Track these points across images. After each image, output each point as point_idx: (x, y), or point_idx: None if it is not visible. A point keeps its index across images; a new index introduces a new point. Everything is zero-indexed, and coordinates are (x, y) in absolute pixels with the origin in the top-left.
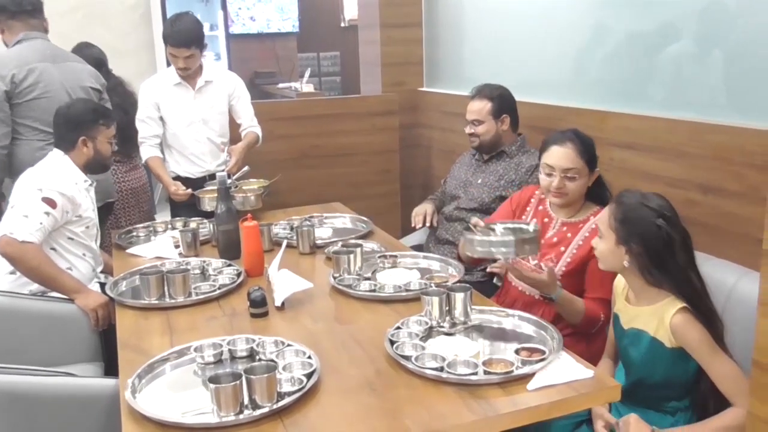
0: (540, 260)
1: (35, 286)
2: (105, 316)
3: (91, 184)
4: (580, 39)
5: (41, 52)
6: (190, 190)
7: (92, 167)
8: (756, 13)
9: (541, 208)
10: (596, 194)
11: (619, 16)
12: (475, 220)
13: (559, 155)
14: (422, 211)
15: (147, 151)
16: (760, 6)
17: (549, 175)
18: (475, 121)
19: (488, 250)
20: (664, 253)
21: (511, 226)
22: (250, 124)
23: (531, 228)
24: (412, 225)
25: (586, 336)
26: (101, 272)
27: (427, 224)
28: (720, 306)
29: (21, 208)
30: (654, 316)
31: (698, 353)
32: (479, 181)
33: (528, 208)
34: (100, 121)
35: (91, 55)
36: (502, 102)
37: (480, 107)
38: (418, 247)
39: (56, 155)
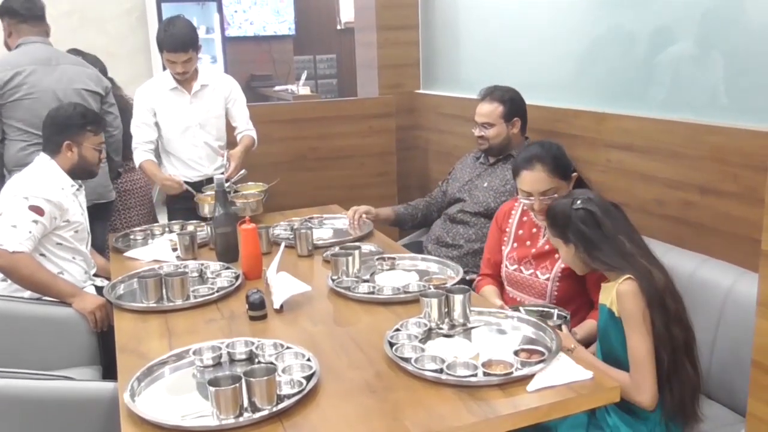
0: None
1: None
2: (103, 318)
3: (79, 189)
4: (578, 41)
5: (34, 55)
6: (183, 182)
7: (77, 173)
8: (754, 15)
9: (525, 219)
10: None
11: (616, 18)
12: (500, 303)
13: (532, 180)
14: (354, 209)
15: (140, 155)
16: (759, 8)
17: (527, 199)
18: (486, 124)
19: None
20: (592, 232)
21: (535, 308)
22: (246, 128)
23: (556, 313)
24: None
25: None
26: (95, 275)
27: (354, 222)
28: (717, 307)
29: (9, 218)
30: (613, 288)
31: (625, 322)
32: (485, 185)
33: (510, 220)
34: (87, 127)
35: None
36: (514, 105)
37: (491, 110)
38: (416, 246)
39: (43, 160)
